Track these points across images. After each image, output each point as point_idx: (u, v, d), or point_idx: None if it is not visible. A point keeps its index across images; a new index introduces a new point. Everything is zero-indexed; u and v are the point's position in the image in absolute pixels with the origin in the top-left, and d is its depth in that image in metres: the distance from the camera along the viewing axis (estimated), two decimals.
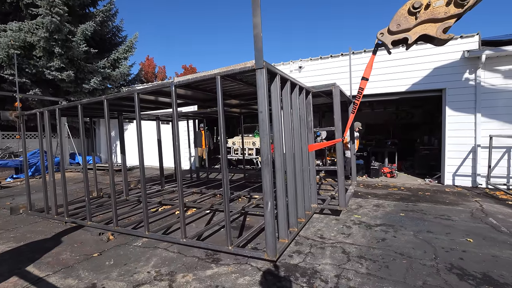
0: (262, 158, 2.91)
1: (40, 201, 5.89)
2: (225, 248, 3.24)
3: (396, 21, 3.69)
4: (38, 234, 4.24)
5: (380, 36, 3.87)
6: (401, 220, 4.34)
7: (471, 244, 3.39)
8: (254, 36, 2.67)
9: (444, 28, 3.48)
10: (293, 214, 3.69)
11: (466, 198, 5.61)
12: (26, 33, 10.45)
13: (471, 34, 6.62)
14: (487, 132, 6.42)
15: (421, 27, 3.60)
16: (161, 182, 7.46)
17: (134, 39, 13.82)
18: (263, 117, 2.83)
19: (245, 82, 3.90)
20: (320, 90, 4.67)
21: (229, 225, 3.24)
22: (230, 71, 3.01)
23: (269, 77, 3.08)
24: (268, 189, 2.89)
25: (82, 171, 8.82)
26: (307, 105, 4.42)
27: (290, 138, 3.73)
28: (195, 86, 4.03)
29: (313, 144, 4.45)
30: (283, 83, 3.55)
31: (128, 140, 10.67)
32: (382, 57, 7.55)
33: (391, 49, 3.96)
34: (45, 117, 4.96)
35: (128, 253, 3.43)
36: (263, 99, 2.81)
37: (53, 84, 11.69)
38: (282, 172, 3.33)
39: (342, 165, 4.71)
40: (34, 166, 9.85)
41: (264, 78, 2.77)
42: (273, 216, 2.92)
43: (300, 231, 3.88)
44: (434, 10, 3.49)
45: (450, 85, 6.82)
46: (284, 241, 3.32)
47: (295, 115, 3.91)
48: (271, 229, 2.90)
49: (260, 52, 2.68)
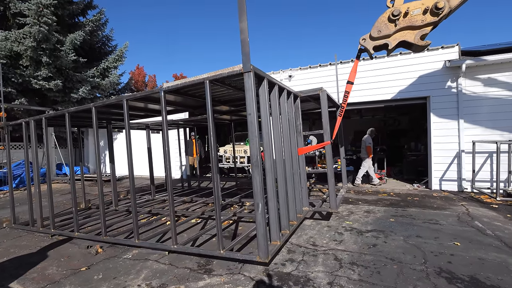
0: (252, 160, 2.93)
1: (25, 214, 5.70)
2: (217, 252, 3.21)
3: (377, 27, 3.85)
4: (22, 248, 4.09)
5: (362, 42, 4.03)
6: (391, 225, 4.41)
7: (459, 247, 3.48)
8: (241, 41, 2.74)
9: (421, 35, 3.66)
10: (285, 216, 3.69)
11: (453, 202, 5.76)
12: (13, 42, 10.29)
13: (451, 45, 6.93)
14: (470, 138, 6.66)
15: (400, 34, 3.78)
16: (152, 191, 7.35)
17: (124, 48, 13.80)
18: (252, 119, 2.88)
19: (234, 87, 3.92)
20: (307, 95, 4.76)
21: (220, 229, 3.21)
22: (219, 75, 3.05)
23: (257, 81, 3.13)
24: (259, 191, 2.90)
25: (69, 182, 8.59)
26: (295, 109, 4.49)
27: (279, 141, 3.77)
28: (185, 92, 4.02)
29: (303, 148, 4.50)
30: (271, 87, 3.60)
31: (118, 149, 10.51)
32: (369, 66, 7.81)
33: (373, 54, 4.11)
34: (31, 127, 4.86)
35: (118, 266, 3.35)
36: (251, 102, 2.85)
37: (40, 94, 11.47)
38: (273, 175, 3.34)
39: (332, 168, 4.76)
40: (19, 177, 9.54)
41: (252, 81, 2.82)
42: (264, 217, 2.92)
43: (292, 233, 3.90)
44: (412, 18, 3.68)
45: (433, 93, 7.07)
46: (276, 243, 3.29)
47: (284, 118, 3.97)
48: (262, 231, 2.89)
49: (247, 56, 2.75)
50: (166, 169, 3.53)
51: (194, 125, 9.14)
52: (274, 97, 3.65)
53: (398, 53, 7.47)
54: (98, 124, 4.63)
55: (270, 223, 3.32)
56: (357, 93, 7.90)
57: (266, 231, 2.93)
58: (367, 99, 7.86)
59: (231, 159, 10.52)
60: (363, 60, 7.89)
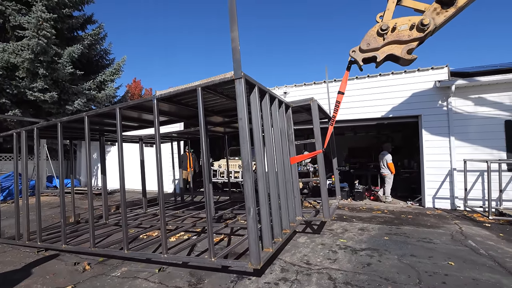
0: (243, 164, 2.94)
1: (11, 227, 5.52)
2: (208, 260, 3.14)
3: (366, 40, 4.01)
4: (6, 264, 3.93)
5: (352, 53, 4.17)
6: (385, 243, 4.39)
7: (453, 267, 3.46)
8: (233, 49, 2.83)
9: (408, 49, 3.82)
10: (277, 224, 3.62)
11: (446, 221, 5.78)
12: (10, 54, 10.33)
13: (440, 66, 7.20)
14: (461, 156, 6.78)
15: (388, 48, 3.94)
16: (144, 205, 7.21)
17: (122, 62, 13.94)
18: (243, 124, 2.91)
19: (227, 96, 3.94)
20: (299, 105, 4.82)
21: (211, 236, 3.15)
22: (211, 82, 3.10)
23: (248, 88, 3.18)
24: (250, 195, 2.89)
25: (59, 195, 8.45)
26: (287, 119, 4.54)
27: (271, 148, 3.77)
28: (178, 100, 4.04)
29: (295, 157, 4.52)
30: (263, 95, 3.64)
31: (110, 163, 10.39)
32: (363, 84, 8.03)
33: (362, 66, 4.22)
34: (22, 138, 4.80)
35: (105, 284, 3.23)
36: (242, 107, 2.89)
37: (35, 105, 11.41)
38: (264, 181, 3.32)
39: (325, 176, 4.75)
40: (7, 190, 9.30)
41: (243, 87, 2.88)
42: (255, 222, 2.88)
43: (284, 242, 3.82)
44: (399, 33, 3.85)
45: (425, 112, 7.26)
46: (268, 250, 3.21)
47: (275, 126, 3.99)
48: (254, 236, 2.85)
49: (238, 63, 2.83)
50: (158, 177, 3.48)
51: (188, 139, 9.13)
52: (266, 105, 3.68)
53: (390, 73, 7.72)
54: (91, 136, 4.60)
55: (262, 230, 3.27)
56: (350, 110, 8.07)
57: (257, 237, 2.88)
58: (360, 117, 8.02)
59: (225, 173, 10.45)
60: (357, 78, 8.12)
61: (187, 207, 7.38)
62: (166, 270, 3.54)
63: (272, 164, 3.77)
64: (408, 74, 7.54)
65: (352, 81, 8.16)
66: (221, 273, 3.42)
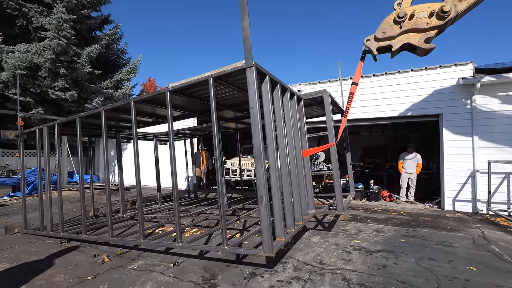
0: (255, 152, 2.94)
1: (36, 220, 5.79)
2: (221, 248, 3.20)
3: (382, 28, 3.84)
4: (32, 254, 4.14)
5: (367, 42, 4.00)
6: (401, 246, 4.27)
7: (474, 272, 3.33)
8: (243, 38, 2.83)
9: (426, 38, 3.62)
10: (290, 215, 3.60)
11: (467, 224, 5.55)
12: (33, 55, 10.81)
13: (465, 62, 6.89)
14: (485, 157, 6.48)
15: (405, 36, 3.75)
16: (159, 200, 7.37)
17: (137, 61, 14.29)
18: (254, 113, 2.91)
19: (238, 87, 3.93)
20: (311, 97, 4.74)
21: (224, 225, 3.19)
22: (222, 72, 3.12)
23: (260, 79, 3.16)
24: (262, 183, 2.90)
25: (79, 189, 8.77)
26: (299, 111, 4.48)
27: (282, 139, 3.73)
28: (190, 93, 4.09)
29: (308, 150, 4.47)
30: (274, 86, 3.60)
31: (127, 160, 10.67)
32: (380, 82, 7.83)
33: (377, 55, 4.05)
34: (44, 134, 5.00)
35: (123, 276, 3.33)
36: (253, 96, 2.89)
37: (56, 104, 11.90)
38: (276, 171, 3.31)
39: (338, 169, 4.68)
40: (32, 184, 9.76)
41: (254, 76, 2.86)
42: (268, 210, 2.89)
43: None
44: (417, 21, 3.65)
45: (446, 110, 6.98)
46: (280, 239, 3.20)
47: (287, 118, 3.94)
48: (266, 224, 2.85)
49: (249, 52, 2.82)
50: (172, 167, 3.54)
51: (201, 136, 9.22)
52: (277, 96, 3.64)
53: (410, 70, 7.47)
54: (108, 133, 4.73)
55: (274, 219, 3.26)
56: (367, 109, 7.89)
57: (270, 225, 2.88)
58: (377, 115, 7.82)
59: (238, 172, 10.50)
60: (374, 76, 7.92)
61: (200, 203, 7.49)
62: (180, 265, 3.61)
63: (284, 155, 3.74)
64: (429, 71, 7.26)
65: (369, 79, 7.96)
66: (235, 269, 3.45)
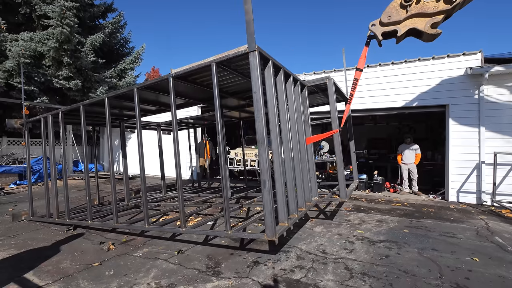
0: (258, 138, 2.93)
1: (42, 208, 5.89)
2: (224, 232, 3.26)
3: (388, 13, 3.76)
4: (39, 241, 4.23)
5: (372, 27, 3.92)
6: (405, 236, 4.28)
7: (477, 263, 3.33)
8: (246, 22, 2.77)
9: (432, 23, 3.53)
10: (293, 201, 3.61)
11: (471, 216, 5.53)
12: (37, 43, 10.76)
13: (473, 52, 6.70)
14: (491, 149, 6.39)
15: (411, 21, 3.67)
16: (163, 189, 7.44)
17: (141, 50, 14.16)
18: (257, 97, 2.89)
19: (241, 73, 3.89)
20: (314, 84, 4.69)
21: (227, 209, 3.23)
22: (225, 57, 3.08)
23: (263, 64, 3.12)
24: (265, 168, 2.90)
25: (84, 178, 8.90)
26: (303, 98, 4.43)
27: (285, 124, 3.70)
28: (193, 79, 4.05)
29: (311, 137, 4.45)
30: (277, 71, 3.56)
31: (131, 149, 10.73)
32: (386, 72, 7.69)
33: (382, 41, 3.97)
34: (48, 122, 5.02)
35: (128, 263, 3.39)
36: (256, 80, 2.86)
37: (60, 93, 11.93)
38: (279, 157, 3.30)
39: (341, 156, 4.66)
40: (38, 173, 9.90)
41: (257, 60, 2.83)
42: (271, 194, 2.90)
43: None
44: (424, 5, 3.56)
45: (453, 101, 6.85)
46: (283, 224, 3.22)
47: (290, 104, 3.91)
48: (269, 208, 2.87)
49: (252, 36, 2.78)
50: (176, 153, 3.55)
51: (205, 125, 9.19)
52: (280, 82, 3.60)
53: (417, 59, 7.30)
54: (112, 122, 4.73)
55: (277, 204, 3.27)
56: (373, 99, 7.78)
57: (272, 209, 2.90)
58: (383, 106, 7.70)
59: (241, 162, 10.52)
60: (380, 65, 7.76)
61: (204, 191, 7.56)
62: (185, 253, 3.66)
63: (287, 141, 3.71)
64: (437, 60, 7.09)
65: (375, 68, 7.82)
66: (238, 258, 3.50)
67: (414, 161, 7.74)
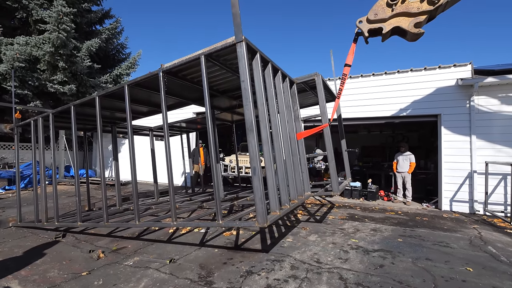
0: (247, 125, 2.93)
1: (31, 214, 5.74)
2: (216, 223, 3.24)
3: (374, 10, 3.89)
4: (26, 249, 4.10)
5: (359, 24, 4.03)
6: (399, 245, 4.27)
7: (471, 273, 3.32)
8: (233, 14, 2.81)
9: (415, 22, 3.67)
10: (285, 192, 3.57)
11: (464, 225, 5.56)
12: (33, 47, 10.69)
13: (464, 64, 6.87)
14: (483, 158, 6.48)
15: (396, 20, 3.80)
16: (156, 193, 7.31)
17: (137, 56, 14.17)
18: (245, 86, 2.89)
19: (230, 68, 3.90)
20: (303, 81, 4.75)
21: (219, 202, 3.24)
22: (213, 49, 3.12)
23: (250, 57, 3.13)
24: (255, 154, 2.89)
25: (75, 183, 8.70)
26: (292, 95, 4.46)
27: (275, 116, 3.67)
28: (183, 76, 4.04)
29: (302, 132, 4.45)
30: (265, 64, 3.55)
31: (124, 156, 10.61)
32: (378, 81, 7.81)
33: (368, 38, 4.07)
34: (38, 125, 4.94)
35: (118, 272, 3.30)
36: (244, 69, 2.87)
37: (54, 97, 11.79)
38: (269, 145, 3.24)
39: (332, 151, 4.66)
40: (28, 178, 9.70)
41: (244, 51, 2.84)
42: (261, 181, 2.87)
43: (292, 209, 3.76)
44: (409, 5, 3.71)
45: (445, 111, 6.97)
46: (275, 213, 3.17)
47: (280, 98, 3.90)
48: (260, 195, 2.84)
49: (239, 27, 2.82)
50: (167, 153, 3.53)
51: (198, 130, 9.12)
52: (269, 76, 3.59)
53: (409, 70, 7.45)
54: (103, 127, 4.67)
55: (269, 193, 3.22)
56: (366, 108, 7.87)
57: (263, 196, 2.86)
58: (376, 115, 7.80)
59: (236, 169, 10.47)
60: (373, 75, 7.89)
61: (198, 195, 7.49)
62: (177, 262, 3.59)
63: (277, 131, 3.69)
64: (428, 71, 7.24)
65: (368, 78, 7.94)
66: (231, 267, 3.43)
67: (408, 170, 7.79)
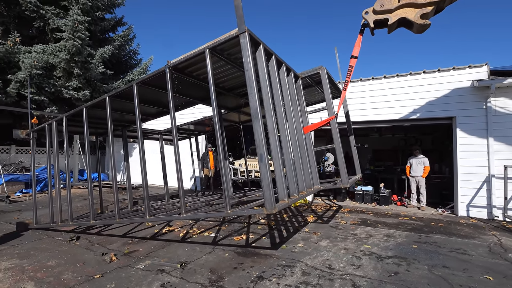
0: (252, 112, 2.91)
1: (47, 216, 5.89)
2: (225, 212, 3.25)
3: (381, 1, 3.82)
4: (42, 251, 4.20)
5: (365, 15, 3.97)
6: (414, 252, 4.14)
7: (491, 282, 3.18)
8: (235, 6, 2.82)
9: (422, 14, 3.57)
10: (293, 182, 3.52)
11: (483, 231, 5.35)
12: (49, 55, 11.08)
13: (479, 64, 6.67)
14: (501, 162, 6.25)
15: (402, 11, 3.71)
16: (166, 195, 7.35)
17: (149, 62, 14.48)
18: (249, 75, 2.90)
19: (235, 63, 3.90)
20: (308, 75, 4.70)
21: (227, 192, 3.27)
22: (217, 41, 3.14)
23: (254, 50, 3.14)
24: (261, 141, 2.88)
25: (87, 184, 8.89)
26: (297, 88, 4.42)
27: (280, 107, 3.60)
28: (189, 72, 4.08)
29: (308, 126, 4.41)
30: (269, 57, 3.54)
31: (135, 159, 10.79)
32: (392, 84, 7.69)
33: (374, 29, 3.99)
34: (52, 128, 5.08)
35: (130, 276, 3.33)
36: (247, 59, 2.87)
37: (69, 103, 12.15)
38: (275, 135, 3.20)
39: (339, 143, 4.59)
40: (44, 181, 9.97)
41: (247, 41, 2.85)
42: (267, 167, 2.86)
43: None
44: None
45: (460, 113, 6.78)
46: (283, 201, 3.14)
47: (284, 91, 3.87)
48: (267, 182, 2.83)
49: (242, 19, 2.83)
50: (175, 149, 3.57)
51: (207, 132, 9.15)
52: (273, 68, 3.58)
53: (422, 72, 7.30)
54: (114, 129, 4.78)
55: (276, 181, 3.16)
56: (378, 111, 7.75)
57: (271, 183, 2.85)
58: (388, 118, 7.66)
59: (246, 172, 10.47)
60: (384, 77, 7.77)
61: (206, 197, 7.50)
62: (187, 266, 3.59)
63: (283, 123, 3.65)
64: (442, 73, 7.08)
65: (380, 80, 7.83)
66: (242, 272, 3.41)
67: (422, 174, 7.59)
